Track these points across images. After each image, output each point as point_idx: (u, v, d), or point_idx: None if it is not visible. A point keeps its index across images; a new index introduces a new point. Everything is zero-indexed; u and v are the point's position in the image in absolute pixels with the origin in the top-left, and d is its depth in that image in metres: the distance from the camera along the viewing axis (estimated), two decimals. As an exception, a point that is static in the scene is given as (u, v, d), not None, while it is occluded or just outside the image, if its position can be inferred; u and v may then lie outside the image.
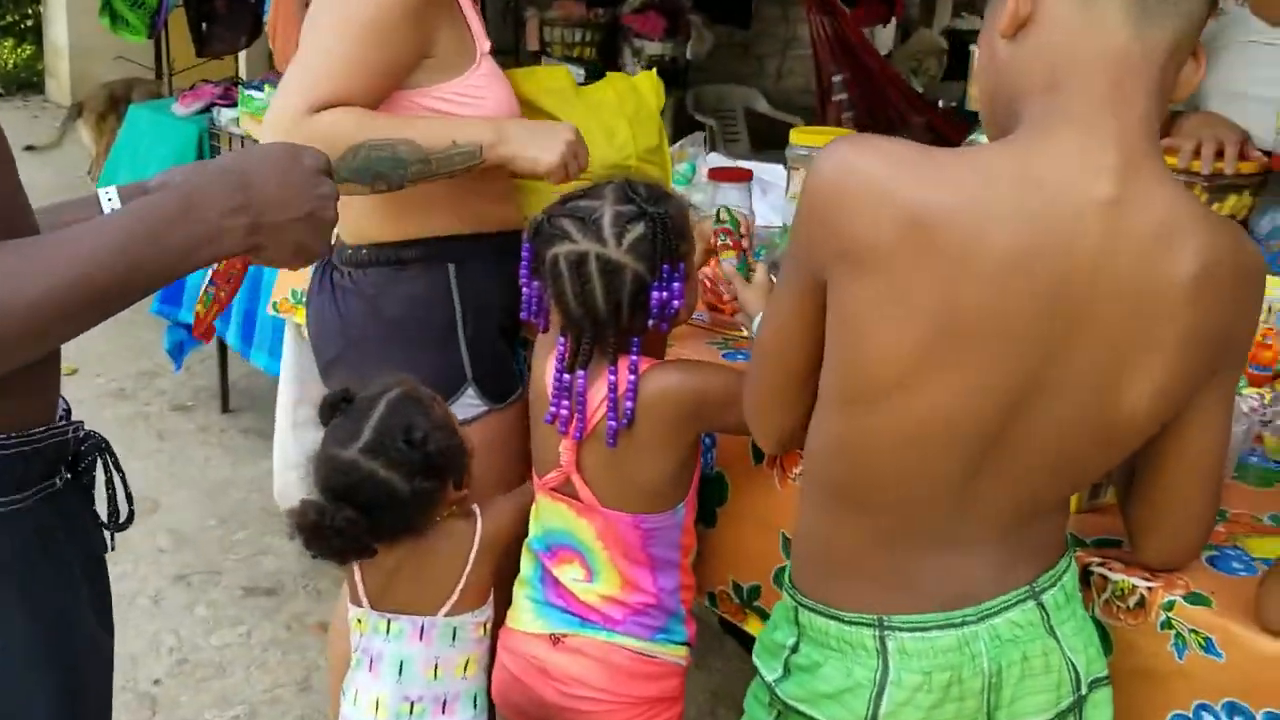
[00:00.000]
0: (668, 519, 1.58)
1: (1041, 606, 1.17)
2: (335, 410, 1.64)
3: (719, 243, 1.70)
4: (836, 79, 6.98)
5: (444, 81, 1.78)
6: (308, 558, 3.35)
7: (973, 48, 2.64)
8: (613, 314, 1.49)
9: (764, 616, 1.66)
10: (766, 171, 3.05)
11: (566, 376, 1.54)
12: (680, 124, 6.12)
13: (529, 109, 2.05)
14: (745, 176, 2.26)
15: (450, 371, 1.87)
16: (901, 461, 1.12)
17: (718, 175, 2.27)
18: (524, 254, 1.56)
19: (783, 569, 1.61)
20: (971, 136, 2.53)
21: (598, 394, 1.53)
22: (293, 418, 2.85)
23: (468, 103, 1.78)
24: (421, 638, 1.70)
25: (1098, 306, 1.04)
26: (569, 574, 1.63)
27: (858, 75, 6.55)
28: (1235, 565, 1.28)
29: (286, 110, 1.68)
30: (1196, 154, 2.06)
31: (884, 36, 8.46)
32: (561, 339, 1.56)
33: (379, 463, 1.57)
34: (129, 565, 3.19)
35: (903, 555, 1.17)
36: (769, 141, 7.08)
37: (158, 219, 1.02)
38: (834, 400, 1.15)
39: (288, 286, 2.68)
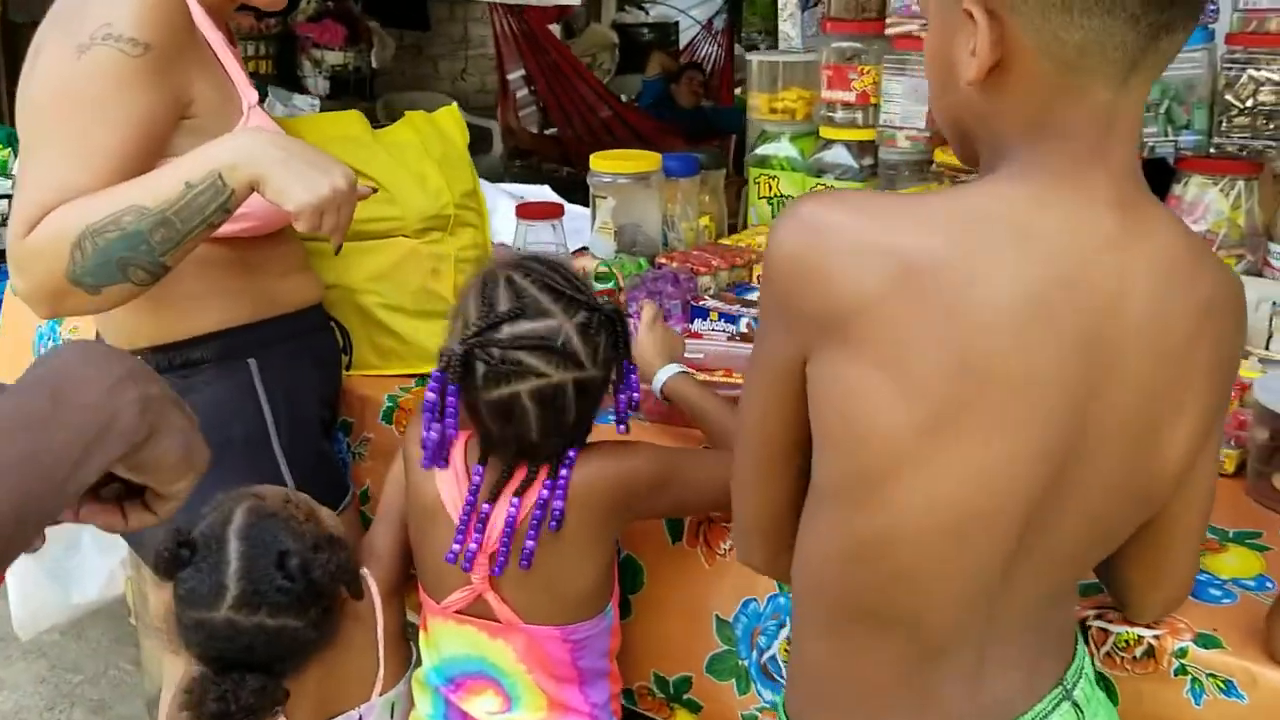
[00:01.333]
0: (598, 624, 1.39)
1: (1076, 705, 1.08)
2: (177, 562, 1.32)
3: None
4: (514, 75, 6.86)
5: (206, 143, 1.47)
6: (50, 684, 2.92)
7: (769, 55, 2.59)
8: (570, 431, 1.31)
9: (695, 709, 1.51)
10: (534, 194, 2.88)
11: (487, 507, 1.32)
12: (373, 137, 5.82)
13: None
14: (557, 213, 2.07)
15: None
16: (932, 556, 0.97)
17: (527, 212, 2.07)
18: (433, 391, 1.28)
19: (718, 655, 1.46)
20: (757, 149, 2.46)
21: (504, 508, 1.32)
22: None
23: None
24: None
25: (1124, 349, 0.96)
26: (481, 705, 1.41)
27: (545, 71, 6.46)
28: (1214, 592, 1.26)
29: (10, 241, 1.37)
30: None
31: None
32: (479, 468, 1.33)
33: (262, 613, 1.30)
34: None
35: (932, 673, 1.02)
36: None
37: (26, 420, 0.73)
38: (835, 497, 0.99)
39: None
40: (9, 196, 2.66)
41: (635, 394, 1.35)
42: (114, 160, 1.37)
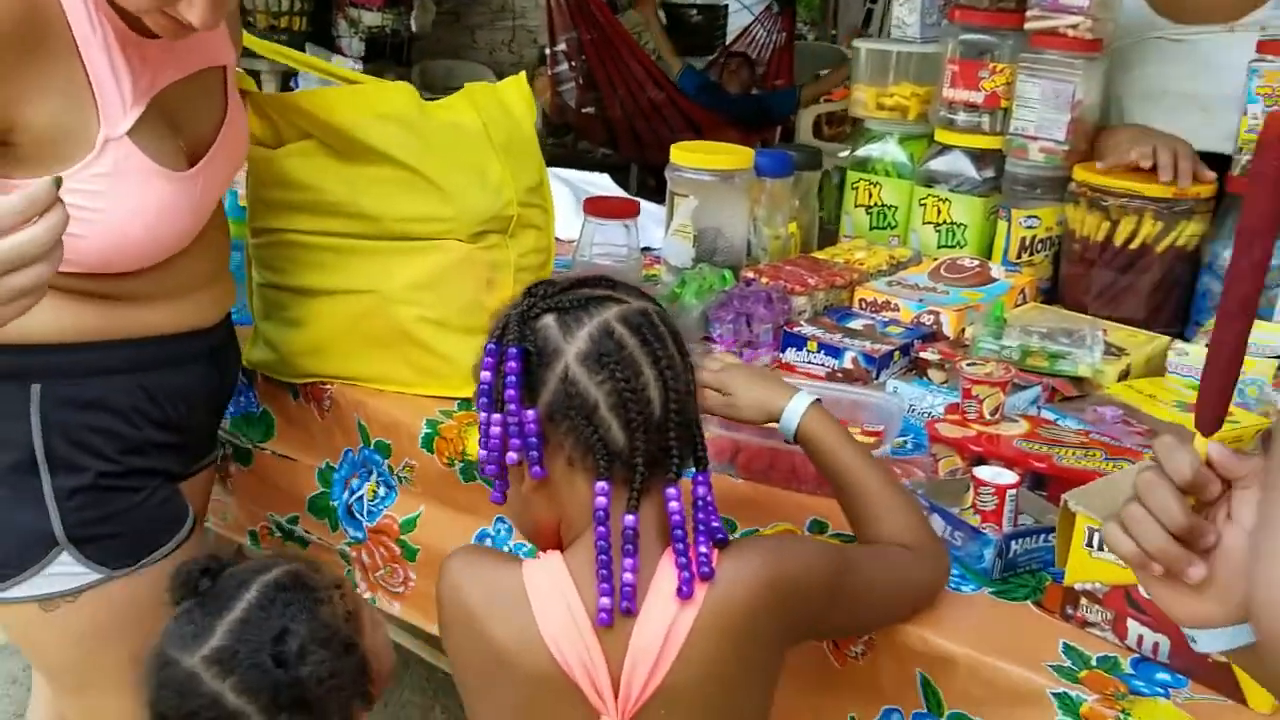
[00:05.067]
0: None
1: None
2: (192, 589, 1.13)
3: None
4: (558, 48, 6.54)
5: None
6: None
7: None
8: (691, 391, 1.03)
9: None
10: (592, 184, 2.59)
11: (630, 518, 0.98)
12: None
13: (352, 145, 1.47)
14: (631, 211, 1.77)
15: (25, 536, 1.28)
16: None
17: (596, 209, 1.77)
18: (507, 364, 0.98)
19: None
20: (858, 149, 2.15)
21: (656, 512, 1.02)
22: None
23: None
24: None
25: None
26: None
27: (596, 45, 6.14)
28: None
29: None
30: (1153, 170, 1.79)
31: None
32: (604, 484, 0.98)
33: (228, 683, 1.08)
34: None
35: None
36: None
37: None
38: None
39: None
40: None
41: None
42: None
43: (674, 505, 0.99)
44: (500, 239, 1.51)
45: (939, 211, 1.99)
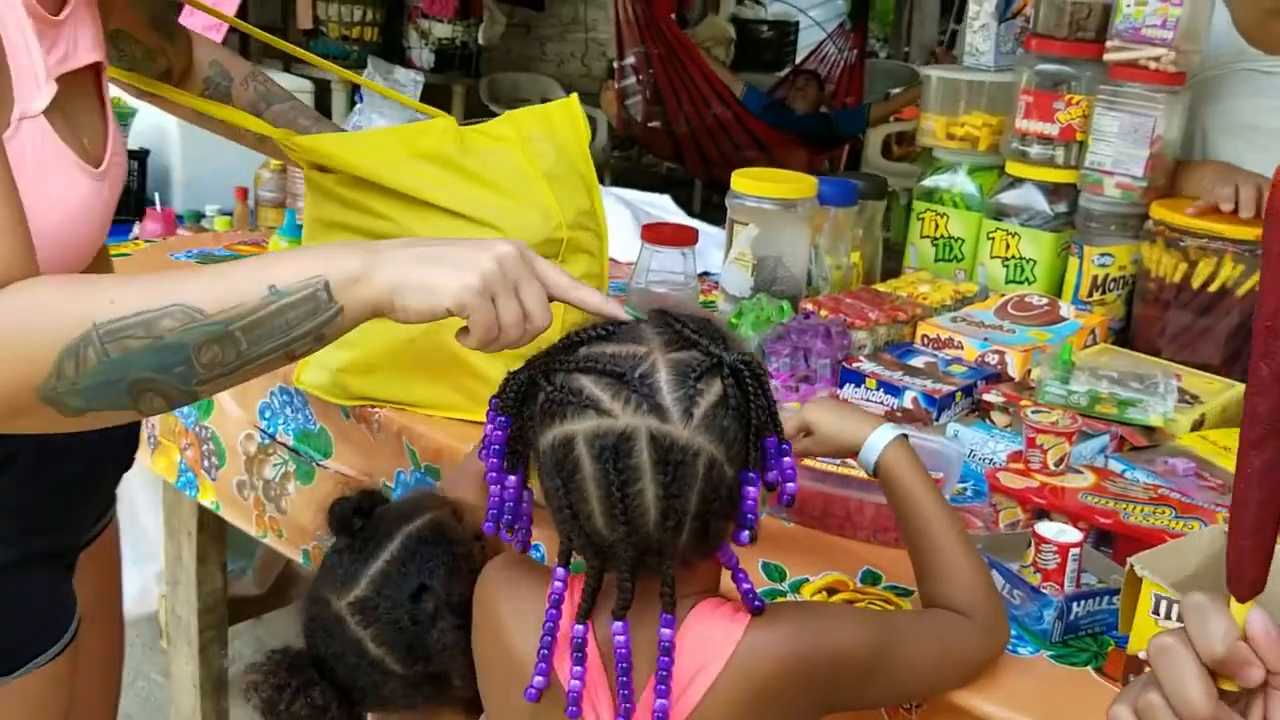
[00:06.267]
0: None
1: None
2: (347, 527, 1.16)
3: None
4: (626, 62, 6.54)
5: None
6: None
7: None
8: (673, 531, 0.91)
9: None
10: (650, 205, 2.56)
11: (579, 629, 0.96)
12: (474, 117, 5.55)
13: (388, 202, 1.40)
14: (690, 239, 1.73)
15: None
16: None
17: (653, 235, 1.73)
18: (492, 430, 0.97)
19: None
20: (925, 179, 2.10)
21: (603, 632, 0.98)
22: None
23: None
24: None
25: None
26: None
27: (663, 59, 6.12)
28: None
29: None
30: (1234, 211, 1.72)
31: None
32: (560, 571, 0.98)
33: (369, 631, 1.12)
34: None
35: None
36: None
37: None
38: None
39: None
40: None
41: (790, 480, 0.96)
42: None
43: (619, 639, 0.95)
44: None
45: (1008, 246, 1.93)
